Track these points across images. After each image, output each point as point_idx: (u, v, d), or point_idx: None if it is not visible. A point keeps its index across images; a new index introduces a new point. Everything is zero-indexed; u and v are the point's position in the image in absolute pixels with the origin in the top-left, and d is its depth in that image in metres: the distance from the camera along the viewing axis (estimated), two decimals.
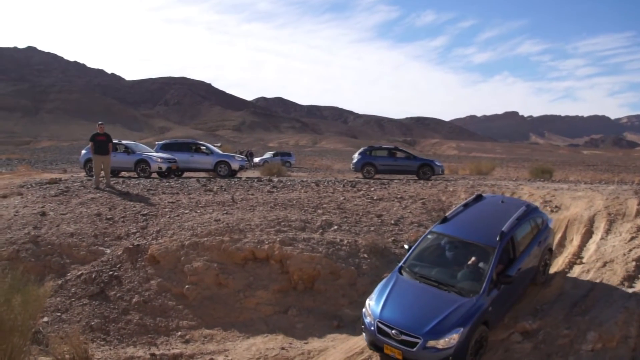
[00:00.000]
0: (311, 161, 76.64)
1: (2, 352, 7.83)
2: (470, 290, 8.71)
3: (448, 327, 8.11)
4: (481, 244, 9.37)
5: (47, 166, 41.60)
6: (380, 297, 9.13)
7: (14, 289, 8.07)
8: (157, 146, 27.67)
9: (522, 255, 9.79)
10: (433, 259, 9.90)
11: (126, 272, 11.63)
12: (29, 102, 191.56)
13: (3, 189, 18.09)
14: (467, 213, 10.55)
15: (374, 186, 20.28)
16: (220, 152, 28.23)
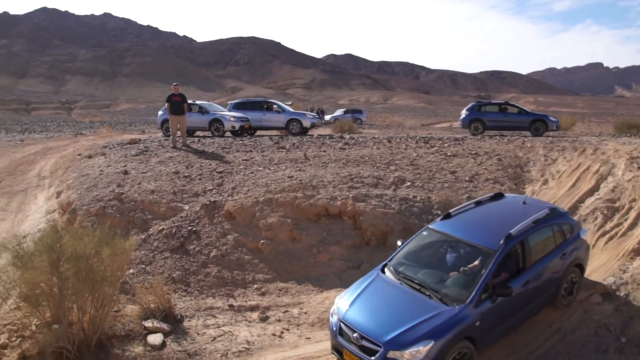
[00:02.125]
0: (382, 118, 75.95)
1: (95, 300, 8.37)
2: (455, 299, 7.48)
3: (415, 338, 6.95)
4: (481, 246, 8.08)
5: (126, 127, 43.18)
6: (351, 295, 8.21)
7: (103, 242, 8.53)
8: (229, 105, 28.11)
9: (534, 267, 8.32)
10: (424, 260, 8.75)
11: (204, 228, 12.07)
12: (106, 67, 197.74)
13: (88, 150, 19.00)
14: (476, 211, 9.34)
15: (448, 142, 19.95)
16: (291, 110, 28.40)
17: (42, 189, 15.69)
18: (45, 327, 8.46)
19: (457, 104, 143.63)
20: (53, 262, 8.06)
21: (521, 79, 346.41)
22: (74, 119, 77.04)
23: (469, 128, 26.75)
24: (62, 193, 14.32)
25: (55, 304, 8.32)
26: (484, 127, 26.33)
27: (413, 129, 43.12)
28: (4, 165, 18.75)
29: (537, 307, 8.61)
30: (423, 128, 50.03)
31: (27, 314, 8.80)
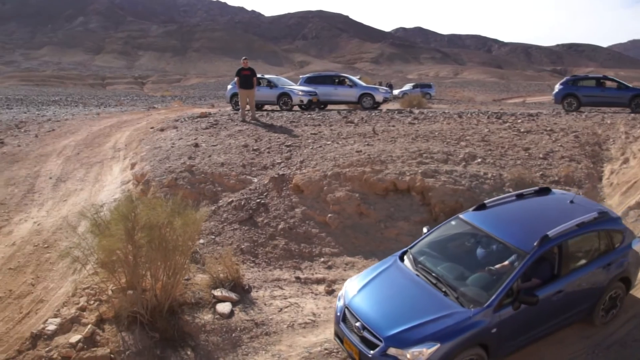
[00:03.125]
0: (452, 93, 74.38)
1: (167, 268, 8.63)
2: (473, 300, 6.84)
3: (420, 338, 6.42)
4: (511, 245, 7.34)
5: (196, 101, 44.02)
6: (362, 281, 7.79)
7: (175, 213, 8.76)
8: (301, 79, 28.10)
9: (570, 275, 7.48)
10: (448, 252, 8.13)
11: (272, 200, 12.20)
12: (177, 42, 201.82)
13: (160, 123, 19.50)
14: (516, 205, 8.53)
15: (521, 118, 19.31)
16: (364, 84, 28.10)
17: (117, 161, 16.24)
18: (121, 293, 8.81)
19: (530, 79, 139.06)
20: (128, 230, 8.34)
21: (601, 52, 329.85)
22: (146, 94, 79.29)
23: (562, 104, 25.21)
24: (136, 165, 14.79)
25: (130, 270, 8.62)
26: (578, 103, 24.71)
27: (484, 104, 42.00)
28: (82, 138, 19.50)
29: (568, 319, 7.74)
30: (495, 103, 48.66)
31: (104, 280, 9.18)
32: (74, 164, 16.49)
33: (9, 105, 36.98)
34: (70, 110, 31.08)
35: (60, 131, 21.06)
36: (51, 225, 12.22)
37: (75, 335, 8.22)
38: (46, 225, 12.31)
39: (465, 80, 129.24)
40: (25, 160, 17.39)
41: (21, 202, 13.98)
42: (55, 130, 21.37)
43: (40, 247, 11.31)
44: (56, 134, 20.67)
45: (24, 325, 8.84)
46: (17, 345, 8.32)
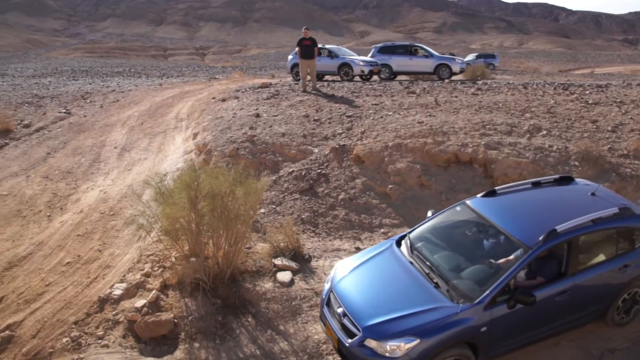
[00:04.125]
0: (516, 63, 72.16)
1: (229, 236, 8.71)
2: (464, 295, 6.28)
3: (399, 331, 6.00)
4: (514, 237, 6.70)
5: (257, 72, 44.24)
6: (352, 263, 7.45)
7: (237, 182, 8.79)
8: (373, 49, 27.46)
9: (579, 275, 6.79)
10: (449, 240, 7.54)
11: (333, 171, 12.12)
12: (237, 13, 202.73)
13: (222, 94, 19.64)
14: (529, 194, 7.86)
15: (589, 89, 18.48)
16: (439, 55, 27.32)
17: (180, 131, 16.48)
18: (184, 260, 8.96)
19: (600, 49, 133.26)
20: (191, 199, 8.42)
21: None
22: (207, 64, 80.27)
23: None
24: (198, 135, 14.97)
25: (193, 238, 8.74)
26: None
27: (550, 75, 40.54)
28: (146, 108, 19.90)
29: (575, 321, 7.12)
30: (561, 74, 46.89)
31: (168, 247, 9.36)
32: (138, 133, 16.85)
33: (75, 76, 38.12)
34: (133, 81, 31.77)
35: (124, 102, 21.57)
36: (116, 194, 12.55)
37: (140, 300, 8.44)
38: (112, 193, 12.65)
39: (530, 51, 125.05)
40: (91, 130, 17.90)
41: (88, 171, 14.41)
42: (120, 100, 21.90)
43: (107, 214, 11.64)
44: (120, 104, 21.18)
45: (92, 289, 9.14)
46: (86, 308, 8.61)
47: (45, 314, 8.65)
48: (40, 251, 10.60)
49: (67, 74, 41.94)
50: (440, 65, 25.48)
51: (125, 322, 8.12)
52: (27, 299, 9.20)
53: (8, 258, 10.44)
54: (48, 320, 8.50)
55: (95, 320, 8.35)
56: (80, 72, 45.42)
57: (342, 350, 6.49)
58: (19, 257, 10.44)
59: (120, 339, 7.89)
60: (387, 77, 24.86)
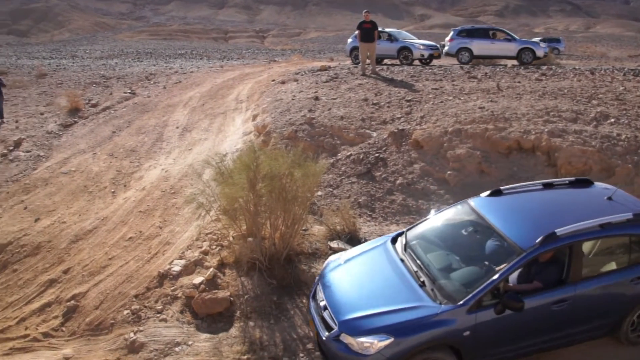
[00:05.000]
0: (583, 48, 69.53)
1: (286, 218, 8.79)
2: (448, 296, 5.95)
3: (373, 328, 5.80)
4: (510, 239, 6.25)
5: (315, 55, 44.28)
6: (343, 257, 7.34)
7: (296, 164, 8.84)
8: (452, 32, 26.59)
9: (582, 284, 6.24)
10: (445, 239, 7.22)
11: (391, 155, 12.03)
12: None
13: (281, 76, 19.74)
14: (536, 195, 7.39)
15: None
16: (522, 39, 26.36)
17: (240, 112, 16.67)
18: (241, 239, 9.10)
19: None
20: (250, 180, 8.53)
21: None
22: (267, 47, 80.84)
23: None
24: (257, 116, 15.12)
25: (251, 219, 8.86)
26: None
27: (619, 60, 38.95)
28: (207, 90, 20.21)
29: (579, 335, 6.53)
30: (631, 59, 44.92)
31: (226, 226, 9.54)
32: (199, 114, 17.15)
33: (140, 58, 39.08)
34: (195, 63, 32.31)
35: (187, 83, 21.97)
36: (177, 172, 12.84)
37: (198, 277, 8.64)
38: (173, 172, 12.95)
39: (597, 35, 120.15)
40: (155, 110, 18.33)
41: (150, 150, 14.80)
42: (182, 82, 22.32)
43: (168, 192, 11.93)
44: (182, 85, 21.59)
45: (152, 264, 9.42)
46: (146, 282, 8.89)
47: (107, 287, 8.99)
48: (105, 226, 10.99)
49: (132, 56, 43.06)
50: (523, 49, 24.38)
51: (183, 298, 8.34)
52: (92, 271, 9.58)
53: (75, 231, 10.88)
54: (110, 293, 8.83)
55: (155, 294, 8.61)
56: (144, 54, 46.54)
57: (320, 345, 6.41)
58: (85, 231, 10.86)
59: (177, 314, 8.11)
60: (467, 61, 24.20)
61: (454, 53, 24.52)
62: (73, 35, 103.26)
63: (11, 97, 20.71)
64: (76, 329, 8.34)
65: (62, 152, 15.43)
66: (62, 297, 9.05)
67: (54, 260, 10.20)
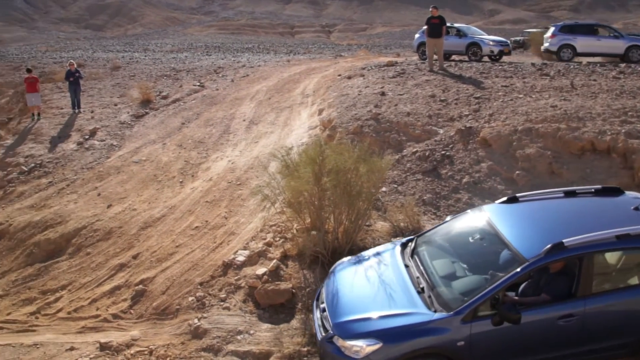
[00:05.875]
0: None
1: (350, 213, 8.79)
2: (443, 303, 5.75)
3: (364, 332, 5.74)
4: (514, 249, 5.88)
5: (382, 50, 44.04)
6: (351, 260, 7.30)
7: (361, 160, 8.83)
8: (553, 28, 25.25)
9: (594, 298, 5.73)
10: (455, 246, 6.93)
11: (458, 153, 11.81)
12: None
13: (347, 71, 19.72)
14: (555, 204, 6.90)
15: None
16: (627, 35, 24.94)
17: (306, 106, 16.76)
18: (305, 232, 9.17)
19: None
20: (315, 174, 8.57)
21: None
22: (333, 42, 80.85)
23: None
24: (323, 111, 15.16)
25: (315, 212, 8.91)
26: None
27: None
28: (273, 84, 20.42)
29: (591, 354, 5.98)
30: None
31: (290, 219, 9.63)
32: (265, 108, 17.35)
33: (208, 52, 39.87)
34: (262, 57, 32.70)
35: (254, 77, 22.26)
36: (243, 164, 13.04)
37: (261, 268, 8.77)
38: (239, 164, 13.16)
39: None
40: (222, 103, 18.68)
41: (218, 142, 15.09)
42: (249, 75, 22.63)
43: (233, 184, 12.14)
44: (250, 79, 21.89)
45: (217, 254, 9.62)
46: (211, 271, 9.10)
47: (174, 273, 9.25)
48: (172, 214, 11.29)
49: (201, 50, 44.01)
50: (632, 47, 22.62)
51: (246, 287, 8.48)
52: (159, 257, 9.89)
53: (144, 218, 11.24)
54: (176, 279, 9.08)
55: (219, 283, 8.79)
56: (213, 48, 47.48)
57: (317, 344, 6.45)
58: (154, 219, 11.21)
59: (240, 303, 8.26)
60: (569, 58, 23.15)
61: (555, 50, 23.18)
62: (145, 30, 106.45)
63: (87, 88, 21.59)
64: (143, 312, 8.65)
65: (133, 141, 15.97)
66: (131, 281, 9.40)
67: (124, 246, 10.59)
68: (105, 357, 7.61)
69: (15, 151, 15.96)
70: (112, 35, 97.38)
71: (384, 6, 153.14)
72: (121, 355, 7.62)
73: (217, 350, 7.34)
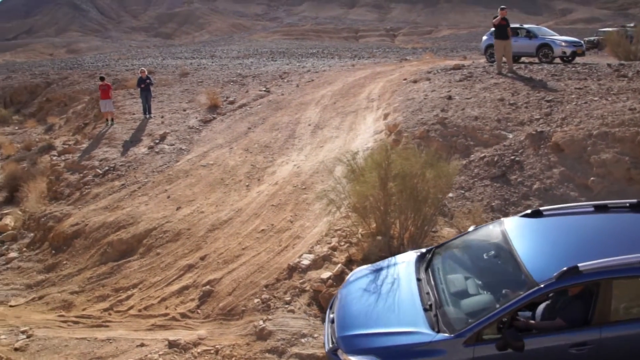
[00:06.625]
0: None
1: (416, 218, 8.67)
2: (447, 324, 5.44)
3: (364, 348, 5.60)
4: (526, 270, 5.36)
5: (448, 53, 43.38)
6: (366, 270, 7.06)
7: (428, 165, 8.70)
8: None
9: (612, 327, 5.16)
10: (470, 261, 6.55)
11: (528, 158, 11.45)
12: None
13: (413, 75, 19.52)
14: (581, 220, 6.27)
15: None
16: None
17: (371, 111, 16.69)
18: (370, 237, 9.11)
19: None
20: (381, 178, 8.51)
21: None
22: (397, 46, 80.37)
23: None
24: (388, 115, 15.05)
25: (380, 217, 8.85)
26: None
27: None
28: (338, 88, 20.45)
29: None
30: None
31: (355, 223, 9.59)
32: (330, 112, 17.39)
33: (274, 57, 40.36)
34: (326, 62, 32.84)
35: (319, 81, 22.37)
36: (309, 169, 13.10)
37: (326, 272, 8.78)
38: (304, 168, 13.23)
39: None
40: (288, 108, 18.85)
41: (283, 146, 15.23)
42: (314, 80, 22.76)
43: (299, 188, 12.21)
44: (314, 84, 22.01)
45: (282, 257, 9.70)
46: (276, 274, 9.18)
47: (240, 275, 9.39)
48: (239, 217, 11.46)
49: (267, 55, 44.59)
50: None
51: (310, 291, 8.52)
52: (226, 259, 10.07)
53: (212, 221, 11.46)
54: (242, 281, 9.21)
55: (284, 286, 8.86)
56: (278, 54, 48.03)
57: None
58: (221, 221, 11.41)
59: (305, 307, 8.29)
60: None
61: None
62: (212, 37, 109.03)
63: (158, 94, 22.28)
64: (210, 312, 8.84)
65: (201, 146, 16.32)
66: (199, 282, 9.61)
67: (192, 247, 10.84)
68: (174, 354, 7.83)
69: (91, 155, 16.63)
70: (180, 42, 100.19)
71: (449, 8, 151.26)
72: (188, 353, 7.83)
73: (281, 352, 7.40)
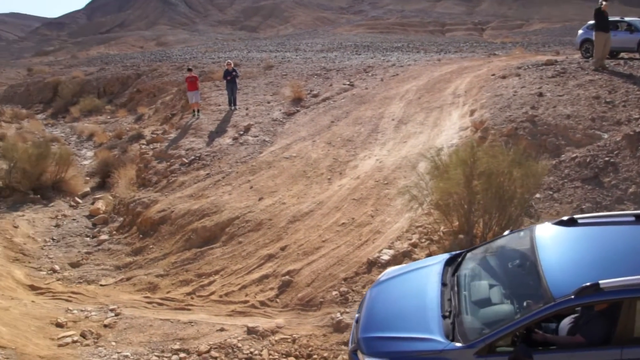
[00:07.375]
0: None
1: (501, 218, 8.44)
2: (462, 333, 5.28)
3: (381, 351, 5.57)
4: (545, 283, 5.06)
5: (539, 48, 41.88)
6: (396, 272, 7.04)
7: (515, 163, 8.45)
8: None
9: (633, 349, 4.75)
10: (498, 268, 6.18)
11: (624, 160, 10.84)
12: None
13: (502, 70, 18.93)
14: (619, 231, 5.80)
15: None
16: None
17: (457, 107, 16.33)
18: (452, 235, 8.97)
19: None
20: (466, 176, 8.34)
21: None
22: (485, 40, 78.23)
23: None
24: (475, 112, 14.68)
25: (464, 215, 8.69)
26: None
27: None
28: (423, 83, 20.13)
29: None
30: None
31: (437, 221, 9.46)
32: (415, 107, 17.16)
33: (358, 51, 40.28)
34: (412, 56, 32.42)
35: (403, 76, 22.11)
36: (391, 164, 13.00)
37: None
38: (387, 163, 13.14)
39: None
40: (371, 102, 18.75)
41: (366, 141, 15.19)
42: (399, 75, 22.52)
43: (381, 183, 12.14)
44: (399, 78, 21.78)
45: (362, 251, 9.71)
46: (355, 267, 9.21)
47: (319, 267, 9.49)
48: (320, 210, 11.55)
49: (351, 49, 44.57)
50: None
51: None
52: (306, 250, 10.19)
53: (293, 212, 11.62)
54: (321, 273, 9.31)
55: (363, 280, 8.89)
56: (362, 47, 47.90)
57: None
58: (302, 213, 11.55)
59: None
60: None
61: None
62: (296, 30, 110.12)
63: (243, 86, 22.75)
64: (289, 302, 9.01)
65: (284, 138, 16.55)
66: (278, 272, 9.79)
67: (273, 237, 11.04)
68: (252, 340, 8.04)
69: (178, 144, 17.22)
70: (265, 35, 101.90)
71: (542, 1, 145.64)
72: (266, 340, 8.02)
73: None
